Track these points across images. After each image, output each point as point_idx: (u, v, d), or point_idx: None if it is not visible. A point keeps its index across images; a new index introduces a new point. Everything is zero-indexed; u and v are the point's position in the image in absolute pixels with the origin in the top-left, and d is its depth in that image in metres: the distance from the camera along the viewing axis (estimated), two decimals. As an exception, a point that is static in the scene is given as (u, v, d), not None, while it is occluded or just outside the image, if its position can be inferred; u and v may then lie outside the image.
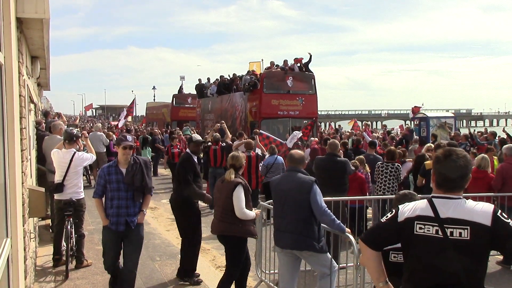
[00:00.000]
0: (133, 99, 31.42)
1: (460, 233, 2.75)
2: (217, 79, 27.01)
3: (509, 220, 2.78)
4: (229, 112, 23.78)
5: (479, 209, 2.79)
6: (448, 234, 2.78)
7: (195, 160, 7.21)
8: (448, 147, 3.20)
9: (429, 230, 2.84)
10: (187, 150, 7.53)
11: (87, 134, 9.43)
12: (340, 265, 6.30)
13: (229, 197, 5.75)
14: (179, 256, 8.32)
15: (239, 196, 5.72)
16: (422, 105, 25.93)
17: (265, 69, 22.69)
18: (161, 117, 37.77)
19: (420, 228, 2.87)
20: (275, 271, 6.22)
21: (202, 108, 28.09)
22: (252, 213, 5.86)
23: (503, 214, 2.80)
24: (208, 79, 28.57)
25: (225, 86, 25.30)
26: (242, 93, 22.57)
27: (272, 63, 22.62)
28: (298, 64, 21.78)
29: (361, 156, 10.38)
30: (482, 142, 15.98)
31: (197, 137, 7.73)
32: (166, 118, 35.57)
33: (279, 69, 22.01)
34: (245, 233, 5.87)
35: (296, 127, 19.92)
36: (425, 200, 2.96)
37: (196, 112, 29.81)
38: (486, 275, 2.86)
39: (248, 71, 23.73)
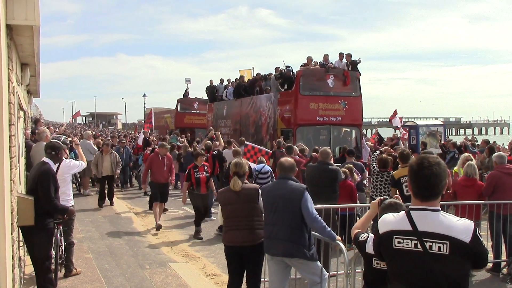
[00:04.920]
0: (150, 111, 26.46)
1: (439, 248, 2.76)
2: (230, 80, 24.17)
3: (482, 239, 2.83)
4: (252, 117, 20.17)
5: (460, 225, 2.80)
6: (427, 247, 2.79)
7: (55, 169, 6.52)
8: (422, 154, 3.19)
9: (407, 244, 2.84)
10: (44, 158, 6.52)
11: (78, 141, 9.37)
12: (330, 273, 6.28)
13: (256, 202, 5.72)
14: (169, 264, 8.31)
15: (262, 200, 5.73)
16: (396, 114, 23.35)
17: (302, 65, 18.36)
18: (163, 124, 34.59)
19: (399, 243, 2.87)
20: (265, 279, 6.19)
21: (214, 113, 24.44)
22: None
23: (479, 233, 2.83)
24: (221, 80, 25.35)
25: (245, 88, 21.75)
26: (270, 95, 18.92)
27: (309, 59, 18.44)
28: (345, 61, 18.24)
29: (350, 165, 10.41)
30: (474, 150, 16.12)
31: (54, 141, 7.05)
32: (170, 125, 32.81)
33: (318, 66, 18.13)
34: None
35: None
36: (403, 212, 2.96)
37: (206, 118, 26.54)
38: (476, 283, 2.89)
39: (276, 68, 19.51)
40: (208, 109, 26.21)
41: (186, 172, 10.59)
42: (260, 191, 5.77)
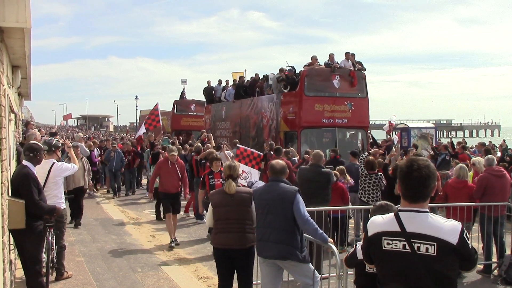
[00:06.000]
0: (156, 105, 20.50)
1: (427, 249, 2.79)
2: (228, 82, 23.39)
3: (469, 242, 2.86)
4: (253, 119, 19.27)
5: (448, 227, 2.83)
6: (415, 248, 2.82)
7: (35, 171, 6.26)
8: (412, 157, 3.22)
9: (396, 245, 2.87)
10: (23, 161, 6.35)
11: (70, 144, 9.33)
12: (322, 275, 6.30)
13: (249, 206, 5.69)
14: (161, 267, 8.28)
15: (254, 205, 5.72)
16: (395, 115, 23.21)
17: (306, 65, 17.53)
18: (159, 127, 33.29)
19: (388, 244, 2.90)
20: (257, 281, 6.19)
21: (212, 115, 23.55)
22: None
23: (467, 234, 2.86)
24: (219, 81, 24.27)
25: (245, 88, 20.81)
26: (272, 96, 18.04)
27: (314, 58, 17.53)
28: (349, 61, 17.36)
29: (342, 166, 10.45)
30: (474, 156, 16.18)
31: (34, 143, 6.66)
32: (166, 127, 30.77)
33: (323, 66, 17.19)
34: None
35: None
36: (392, 214, 2.99)
37: (203, 120, 25.44)
38: (467, 284, 2.92)
39: (280, 68, 18.36)
40: (205, 111, 25.41)
41: (201, 179, 9.65)
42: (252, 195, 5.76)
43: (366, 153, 11.25)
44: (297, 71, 17.51)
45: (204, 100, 25.94)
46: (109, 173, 17.81)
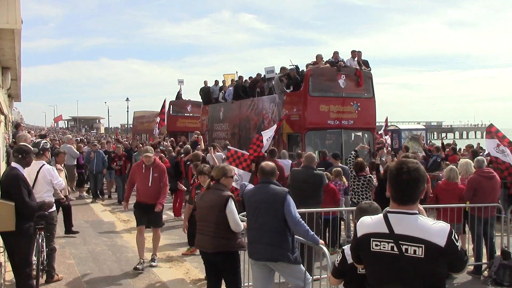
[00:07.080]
0: (164, 101, 19.35)
1: (415, 251, 2.79)
2: (225, 82, 22.68)
3: (459, 244, 2.86)
4: (253, 121, 18.39)
5: (435, 229, 2.82)
6: (403, 250, 2.81)
7: (24, 173, 6.22)
8: (402, 159, 3.22)
9: (384, 247, 2.86)
10: (12, 163, 6.34)
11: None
12: (314, 277, 6.29)
13: (222, 210, 5.54)
14: (153, 269, 8.25)
15: (233, 210, 5.56)
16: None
17: (310, 64, 16.59)
18: (153, 128, 29.91)
19: (376, 245, 2.89)
20: (249, 283, 6.19)
21: (210, 116, 22.67)
22: (242, 225, 5.72)
23: (456, 236, 2.86)
24: (216, 81, 23.59)
25: (244, 89, 19.92)
26: (274, 96, 17.10)
27: (319, 57, 16.53)
28: (354, 60, 16.51)
29: (338, 169, 10.46)
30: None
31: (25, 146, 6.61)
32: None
33: (328, 64, 16.32)
34: (239, 247, 5.73)
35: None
36: (381, 215, 2.99)
37: (200, 121, 24.46)
38: (458, 285, 2.93)
39: (282, 68, 17.51)
40: (202, 112, 24.46)
41: (190, 192, 8.72)
42: (231, 199, 5.61)
43: (352, 154, 10.76)
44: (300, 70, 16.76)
45: (201, 100, 25.14)
46: (90, 175, 16.84)
